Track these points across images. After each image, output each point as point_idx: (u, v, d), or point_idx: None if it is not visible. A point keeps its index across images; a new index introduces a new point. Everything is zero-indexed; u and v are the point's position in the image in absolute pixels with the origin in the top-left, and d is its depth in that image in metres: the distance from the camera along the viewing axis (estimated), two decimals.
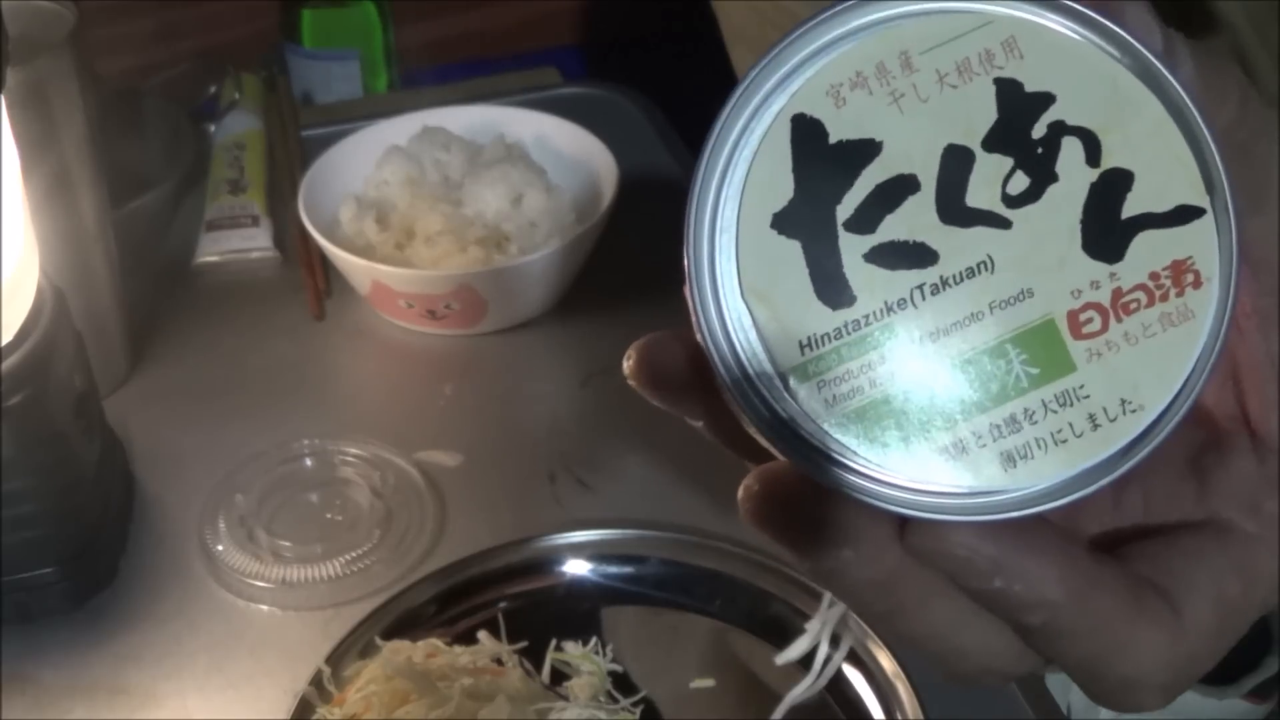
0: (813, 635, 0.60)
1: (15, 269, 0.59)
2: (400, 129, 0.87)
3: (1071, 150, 0.26)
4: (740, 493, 0.28)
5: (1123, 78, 0.26)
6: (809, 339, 0.26)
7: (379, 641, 0.60)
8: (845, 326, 0.26)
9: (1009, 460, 0.26)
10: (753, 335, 0.27)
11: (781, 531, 0.28)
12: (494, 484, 0.72)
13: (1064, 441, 0.26)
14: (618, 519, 0.67)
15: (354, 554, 0.67)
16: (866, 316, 0.26)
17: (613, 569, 0.65)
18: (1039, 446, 0.26)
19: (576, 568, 0.65)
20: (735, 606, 0.63)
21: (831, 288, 0.26)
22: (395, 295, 0.79)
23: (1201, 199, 0.25)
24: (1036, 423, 0.26)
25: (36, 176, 0.64)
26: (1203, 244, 0.25)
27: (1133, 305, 0.25)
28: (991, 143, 0.26)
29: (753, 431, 0.27)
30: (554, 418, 0.77)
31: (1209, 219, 0.25)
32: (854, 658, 0.59)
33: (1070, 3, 0.26)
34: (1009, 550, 0.27)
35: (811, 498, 0.27)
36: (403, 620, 0.62)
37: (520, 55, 1.29)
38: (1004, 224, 0.26)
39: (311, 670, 0.58)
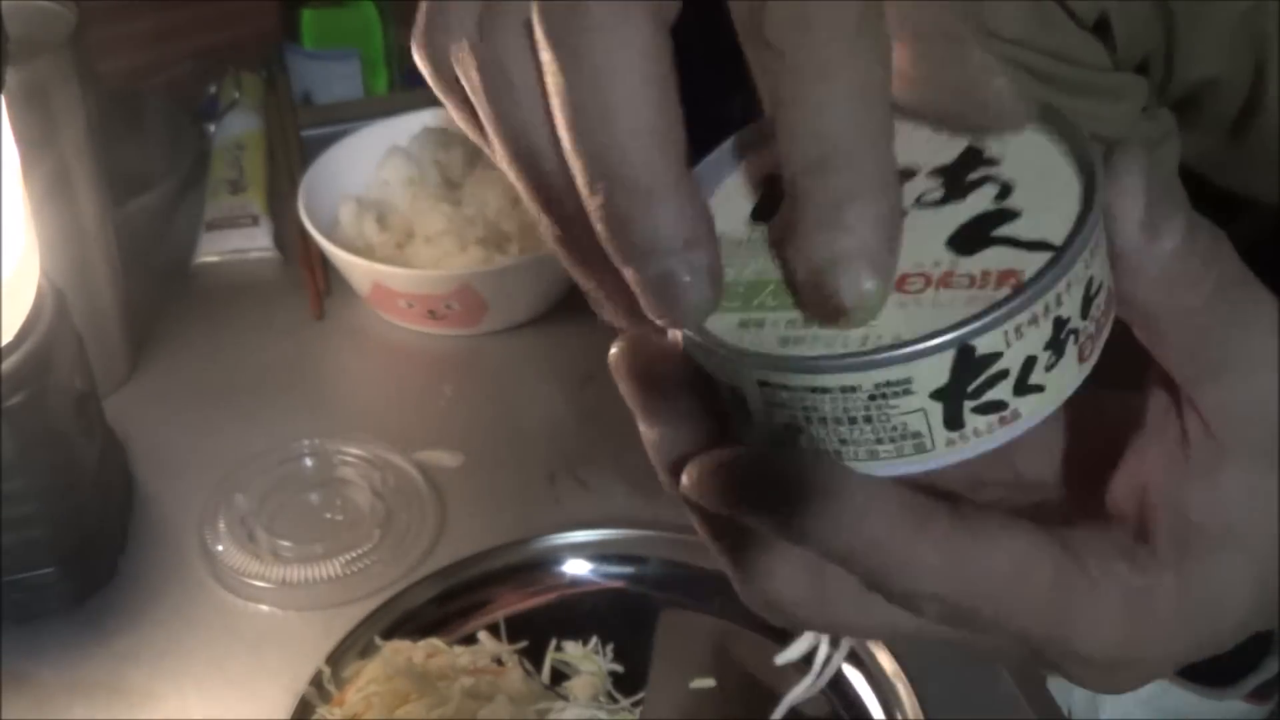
0: (813, 635, 0.60)
1: (15, 269, 0.59)
2: (400, 129, 0.87)
3: (988, 190, 0.29)
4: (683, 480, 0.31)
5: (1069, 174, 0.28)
6: None
7: (379, 641, 0.60)
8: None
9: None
10: None
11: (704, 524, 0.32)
12: (494, 484, 0.72)
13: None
14: (618, 519, 0.67)
15: (354, 554, 0.67)
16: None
17: (613, 569, 0.65)
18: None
19: (576, 568, 0.65)
20: (735, 606, 0.63)
21: None
22: (395, 295, 0.79)
23: (1060, 241, 0.27)
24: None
25: (36, 176, 0.64)
26: (1036, 267, 0.27)
27: (954, 284, 0.27)
28: (939, 172, 0.29)
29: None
30: (554, 418, 0.77)
31: (1053, 256, 0.27)
32: (854, 658, 0.59)
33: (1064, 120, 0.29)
34: (889, 549, 0.27)
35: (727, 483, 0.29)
36: (403, 620, 0.62)
37: None
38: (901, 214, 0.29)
39: (311, 670, 0.58)
